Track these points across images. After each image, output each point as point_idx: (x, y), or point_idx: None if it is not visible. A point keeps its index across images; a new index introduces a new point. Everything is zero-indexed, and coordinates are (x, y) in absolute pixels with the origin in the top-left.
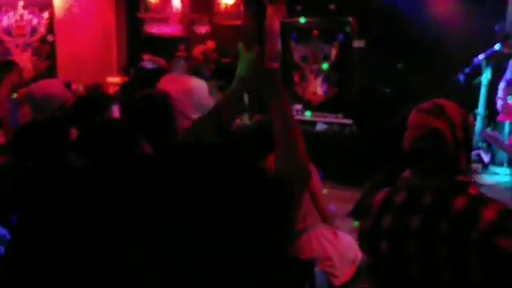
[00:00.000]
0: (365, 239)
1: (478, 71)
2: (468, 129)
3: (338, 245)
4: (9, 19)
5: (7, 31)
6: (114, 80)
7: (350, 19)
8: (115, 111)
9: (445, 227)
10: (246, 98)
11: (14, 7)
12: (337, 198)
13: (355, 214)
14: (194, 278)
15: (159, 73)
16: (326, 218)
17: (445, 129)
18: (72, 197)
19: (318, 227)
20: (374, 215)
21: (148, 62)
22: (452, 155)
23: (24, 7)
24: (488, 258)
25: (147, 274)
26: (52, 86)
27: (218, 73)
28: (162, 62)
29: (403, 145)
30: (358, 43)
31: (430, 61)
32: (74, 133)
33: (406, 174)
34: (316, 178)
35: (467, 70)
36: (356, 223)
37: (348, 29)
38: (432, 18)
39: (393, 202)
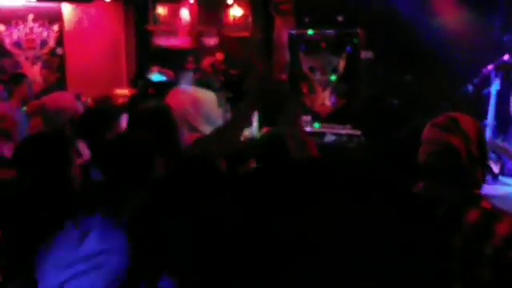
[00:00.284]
0: None
1: (486, 81)
2: (483, 143)
3: None
4: (19, 32)
5: (17, 44)
6: (123, 92)
7: (358, 31)
8: (123, 122)
9: (457, 241)
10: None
11: (24, 20)
12: None
13: None
14: None
15: (168, 85)
16: None
17: (459, 144)
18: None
19: None
20: None
21: (156, 73)
22: (467, 170)
23: (34, 20)
24: (502, 273)
25: None
26: (63, 99)
27: (227, 84)
28: (170, 73)
29: (414, 157)
30: (365, 54)
31: (438, 71)
32: (81, 146)
33: (418, 186)
34: None
35: (476, 81)
36: None
37: (356, 40)
38: (440, 28)
39: None
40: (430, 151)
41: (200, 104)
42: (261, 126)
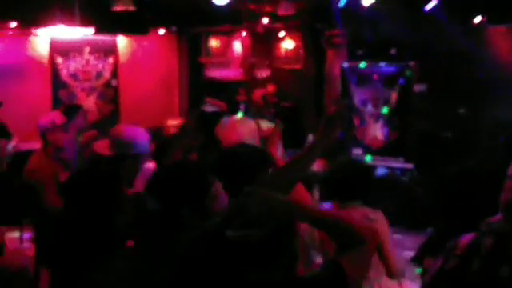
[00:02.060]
0: (444, 280)
1: None
2: None
3: None
4: (75, 64)
5: (73, 76)
6: (174, 123)
7: (411, 63)
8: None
9: None
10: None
11: (81, 52)
12: (397, 245)
13: (417, 260)
14: None
15: (219, 115)
16: (393, 275)
17: None
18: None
19: (382, 279)
20: (461, 258)
21: (209, 105)
22: None
23: (90, 52)
24: None
25: None
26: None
27: (278, 116)
28: (222, 105)
29: (496, 194)
30: (419, 87)
31: (492, 104)
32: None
33: (495, 218)
34: (385, 229)
35: None
36: (419, 270)
37: (409, 73)
38: (495, 60)
39: (480, 246)
40: None
41: (256, 134)
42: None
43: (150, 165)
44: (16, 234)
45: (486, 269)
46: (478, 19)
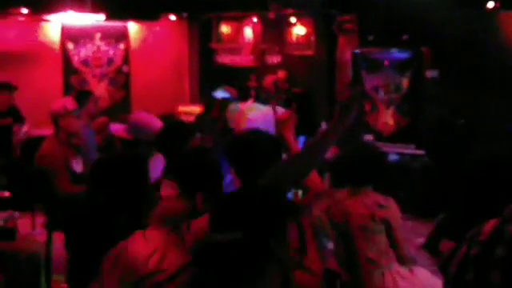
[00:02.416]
0: (470, 267)
1: None
2: None
3: (415, 281)
4: (86, 51)
5: (85, 62)
6: (186, 109)
7: (423, 49)
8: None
9: None
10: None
11: (92, 39)
12: (409, 231)
13: (429, 247)
14: None
15: (229, 102)
16: (404, 262)
17: None
18: None
19: (394, 266)
20: (485, 244)
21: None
22: None
23: (101, 39)
24: None
25: None
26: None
27: (289, 103)
28: (233, 91)
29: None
30: (431, 73)
31: (506, 90)
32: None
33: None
34: (397, 216)
35: None
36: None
37: (421, 59)
38: (507, 46)
39: (504, 233)
40: None
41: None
42: None
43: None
44: (28, 220)
45: (510, 255)
46: (491, 4)
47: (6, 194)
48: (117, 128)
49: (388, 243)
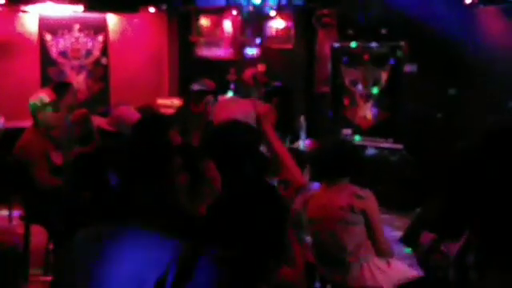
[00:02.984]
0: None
1: None
2: None
3: (392, 273)
4: (65, 42)
5: (63, 53)
6: (165, 102)
7: (402, 43)
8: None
9: None
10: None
11: (70, 30)
12: (386, 224)
13: (406, 240)
14: None
15: (207, 94)
16: (382, 254)
17: None
18: None
19: (371, 258)
20: None
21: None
22: None
23: (80, 30)
24: None
25: None
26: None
27: (268, 96)
28: (211, 84)
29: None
30: (409, 68)
31: (483, 85)
32: None
33: None
34: (374, 207)
35: None
36: (407, 249)
37: (399, 53)
38: (486, 41)
39: None
40: None
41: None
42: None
43: None
44: (5, 212)
45: None
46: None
47: None
48: (98, 120)
49: (366, 235)
